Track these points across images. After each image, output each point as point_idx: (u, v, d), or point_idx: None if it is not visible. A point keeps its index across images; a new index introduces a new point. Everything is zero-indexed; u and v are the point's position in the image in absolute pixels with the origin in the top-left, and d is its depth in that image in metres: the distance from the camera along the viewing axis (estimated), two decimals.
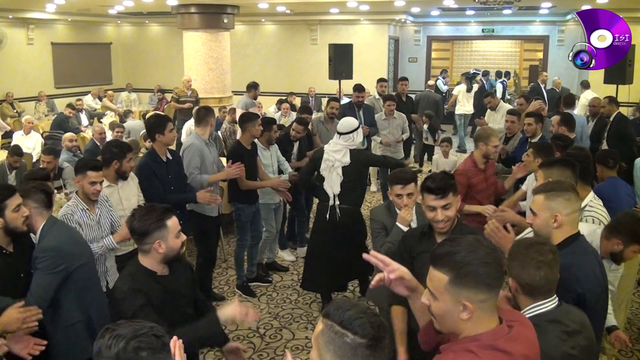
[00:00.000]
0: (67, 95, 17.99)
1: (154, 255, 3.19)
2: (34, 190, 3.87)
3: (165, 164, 5.71)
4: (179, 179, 5.84)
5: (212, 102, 13.55)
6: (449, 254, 2.12)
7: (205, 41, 13.58)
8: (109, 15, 18.67)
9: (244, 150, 6.61)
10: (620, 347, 4.09)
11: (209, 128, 6.36)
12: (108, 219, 4.79)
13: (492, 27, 19.13)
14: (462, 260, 2.08)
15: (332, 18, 17.92)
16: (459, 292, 2.09)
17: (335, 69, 11.64)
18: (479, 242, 2.15)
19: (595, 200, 4.31)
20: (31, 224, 3.81)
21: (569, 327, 2.55)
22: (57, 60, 18.42)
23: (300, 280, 6.91)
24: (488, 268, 2.07)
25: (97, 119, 15.27)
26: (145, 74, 20.34)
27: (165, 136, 5.66)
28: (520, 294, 2.65)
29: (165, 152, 5.75)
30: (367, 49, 17.35)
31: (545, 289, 2.61)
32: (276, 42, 19.25)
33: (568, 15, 17.41)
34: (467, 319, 2.10)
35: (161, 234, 3.15)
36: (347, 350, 1.86)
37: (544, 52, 19.10)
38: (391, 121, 9.52)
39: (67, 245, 3.82)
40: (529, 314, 2.55)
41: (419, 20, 19.48)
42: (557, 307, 2.62)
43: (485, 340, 2.08)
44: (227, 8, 13.46)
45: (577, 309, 2.72)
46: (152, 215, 3.16)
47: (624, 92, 11.70)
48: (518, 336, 2.16)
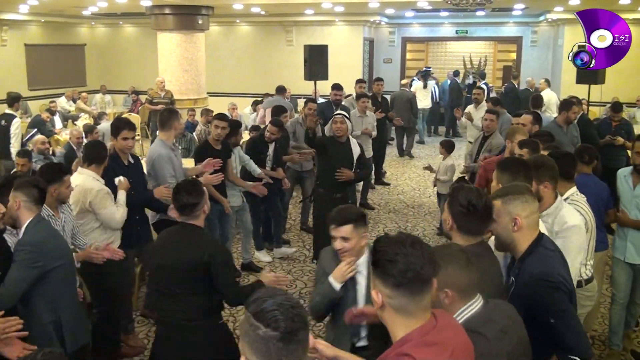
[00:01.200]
0: (40, 97, 17.82)
1: (202, 216, 3.97)
2: (26, 184, 3.84)
3: (127, 168, 5.62)
4: (139, 183, 5.74)
5: (187, 103, 13.54)
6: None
7: (179, 42, 13.54)
8: (82, 17, 18.54)
9: (210, 150, 6.61)
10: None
11: (173, 132, 6.21)
12: (70, 225, 4.74)
13: (466, 28, 19.29)
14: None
15: (307, 19, 17.95)
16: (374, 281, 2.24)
17: (310, 70, 11.66)
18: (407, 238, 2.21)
19: (578, 194, 4.37)
20: (17, 218, 3.81)
21: (501, 324, 2.53)
22: (30, 61, 18.21)
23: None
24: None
25: (72, 121, 15.16)
26: (119, 75, 20.21)
27: (118, 142, 5.57)
28: (455, 301, 2.52)
29: (127, 156, 5.66)
30: (342, 50, 17.42)
31: (470, 291, 2.54)
32: (251, 43, 19.23)
33: (541, 16, 17.61)
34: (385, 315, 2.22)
35: (205, 200, 3.97)
36: (260, 344, 1.83)
37: (517, 53, 19.29)
38: (364, 119, 9.82)
39: (49, 243, 3.81)
40: (460, 319, 2.49)
41: (393, 22, 19.58)
42: (485, 305, 2.56)
43: (416, 339, 2.11)
44: (201, 9, 13.45)
45: (502, 301, 2.70)
46: (197, 188, 3.93)
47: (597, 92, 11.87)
48: (443, 325, 2.19)
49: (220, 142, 6.82)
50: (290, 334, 1.82)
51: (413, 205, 10.60)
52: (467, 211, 3.04)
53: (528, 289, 2.95)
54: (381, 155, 11.86)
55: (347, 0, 13.25)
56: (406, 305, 2.15)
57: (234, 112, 12.94)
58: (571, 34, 15.94)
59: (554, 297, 2.92)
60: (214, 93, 16.22)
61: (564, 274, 3.04)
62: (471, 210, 3.04)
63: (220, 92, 17.60)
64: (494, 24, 19.03)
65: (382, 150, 11.90)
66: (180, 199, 3.86)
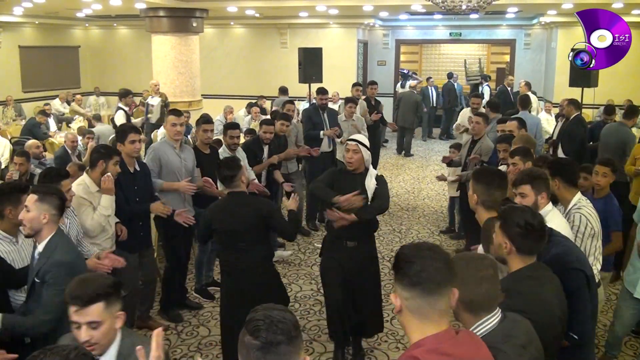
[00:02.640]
0: (34, 99, 17.81)
1: (242, 185, 4.94)
2: (49, 194, 3.70)
3: (132, 175, 5.65)
4: (144, 191, 5.77)
5: (182, 106, 13.46)
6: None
7: (174, 45, 13.51)
8: (77, 18, 18.50)
9: (201, 155, 6.62)
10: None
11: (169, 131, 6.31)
12: (75, 230, 4.75)
13: (460, 31, 19.35)
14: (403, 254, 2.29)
15: (302, 22, 17.96)
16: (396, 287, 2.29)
17: (305, 73, 11.68)
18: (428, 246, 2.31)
19: (584, 200, 4.41)
20: (40, 230, 3.68)
21: (521, 340, 2.53)
22: (24, 63, 18.18)
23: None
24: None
25: (66, 123, 15.14)
26: (113, 77, 20.16)
27: (125, 146, 5.59)
28: (462, 311, 2.57)
29: (133, 163, 5.68)
30: (337, 52, 17.44)
31: (487, 305, 2.56)
32: (246, 45, 19.23)
33: (534, 19, 17.68)
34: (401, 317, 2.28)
35: (242, 171, 4.93)
36: (243, 349, 1.97)
37: (510, 56, 19.35)
38: (350, 122, 9.91)
39: (78, 260, 3.76)
40: (477, 334, 2.50)
41: (387, 24, 19.61)
42: (502, 321, 2.56)
43: (429, 345, 2.16)
44: (196, 12, 13.42)
45: (518, 315, 2.68)
46: (234, 162, 4.96)
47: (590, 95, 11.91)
48: (464, 341, 2.23)
49: (209, 147, 6.86)
50: (269, 345, 1.92)
51: (407, 208, 10.63)
52: (526, 231, 3.03)
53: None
54: (375, 158, 11.87)
55: (341, 4, 13.26)
56: (422, 306, 2.20)
57: (229, 116, 12.95)
58: (564, 36, 16.02)
59: (570, 275, 3.17)
60: (208, 95, 16.22)
61: (582, 258, 3.30)
62: (529, 229, 3.03)
63: (214, 94, 17.60)
64: (487, 27, 19.08)
65: (376, 152, 11.92)
66: (222, 172, 4.91)
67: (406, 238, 9.04)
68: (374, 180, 5.29)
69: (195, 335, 6.06)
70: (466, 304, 2.52)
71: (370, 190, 5.21)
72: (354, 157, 5.21)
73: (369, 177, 5.28)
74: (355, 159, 5.21)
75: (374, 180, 5.29)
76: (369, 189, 5.20)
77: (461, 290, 2.39)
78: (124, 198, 5.52)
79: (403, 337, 5.98)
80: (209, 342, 5.90)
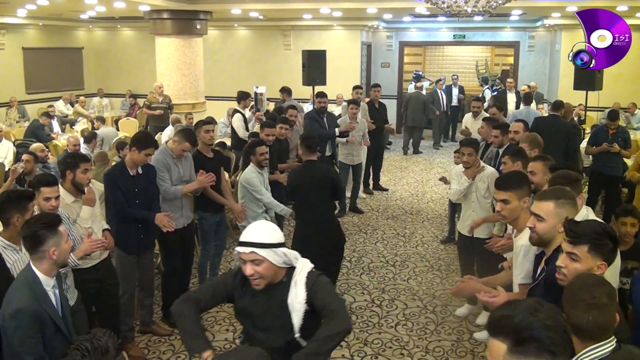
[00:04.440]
0: (38, 100, 17.84)
1: (314, 155, 6.72)
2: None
3: (132, 178, 5.62)
4: (146, 194, 5.73)
5: (185, 108, 13.54)
6: (504, 318, 1.90)
7: (177, 47, 13.53)
8: (80, 20, 18.51)
9: (204, 159, 6.63)
10: None
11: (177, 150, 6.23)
12: (70, 237, 4.70)
13: (463, 33, 19.30)
14: (519, 324, 1.86)
15: (306, 24, 17.94)
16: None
17: (309, 75, 11.70)
18: (539, 304, 1.93)
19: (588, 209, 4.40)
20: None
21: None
22: (28, 65, 18.18)
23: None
24: (550, 332, 1.83)
25: (70, 125, 15.15)
26: (117, 79, 20.18)
27: (140, 156, 5.58)
28: (572, 333, 2.39)
29: (136, 167, 5.65)
30: (340, 54, 17.43)
31: (595, 334, 2.43)
32: (249, 47, 19.21)
33: (538, 22, 17.64)
34: None
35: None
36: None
37: (514, 58, 19.30)
38: (354, 125, 9.96)
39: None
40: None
41: (390, 26, 19.58)
42: (616, 351, 2.42)
43: None
44: (199, 14, 13.43)
45: (636, 348, 2.53)
46: (313, 140, 6.67)
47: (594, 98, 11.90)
48: None
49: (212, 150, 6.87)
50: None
51: (411, 212, 10.61)
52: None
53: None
54: (378, 160, 11.87)
55: (345, 6, 13.25)
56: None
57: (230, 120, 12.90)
58: (569, 39, 15.96)
59: None
60: (212, 97, 16.22)
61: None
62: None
63: (218, 96, 17.59)
64: (491, 29, 19.05)
65: (380, 155, 11.90)
66: (307, 141, 6.65)
67: (410, 242, 9.02)
68: (303, 290, 3.11)
69: None
70: (573, 327, 2.43)
71: (298, 310, 3.12)
72: (255, 272, 3.09)
73: (293, 287, 3.15)
74: (258, 272, 3.09)
75: (303, 290, 3.11)
76: (294, 310, 3.13)
77: (570, 313, 2.32)
78: (124, 200, 5.55)
79: (407, 343, 5.98)
80: (214, 346, 5.88)
